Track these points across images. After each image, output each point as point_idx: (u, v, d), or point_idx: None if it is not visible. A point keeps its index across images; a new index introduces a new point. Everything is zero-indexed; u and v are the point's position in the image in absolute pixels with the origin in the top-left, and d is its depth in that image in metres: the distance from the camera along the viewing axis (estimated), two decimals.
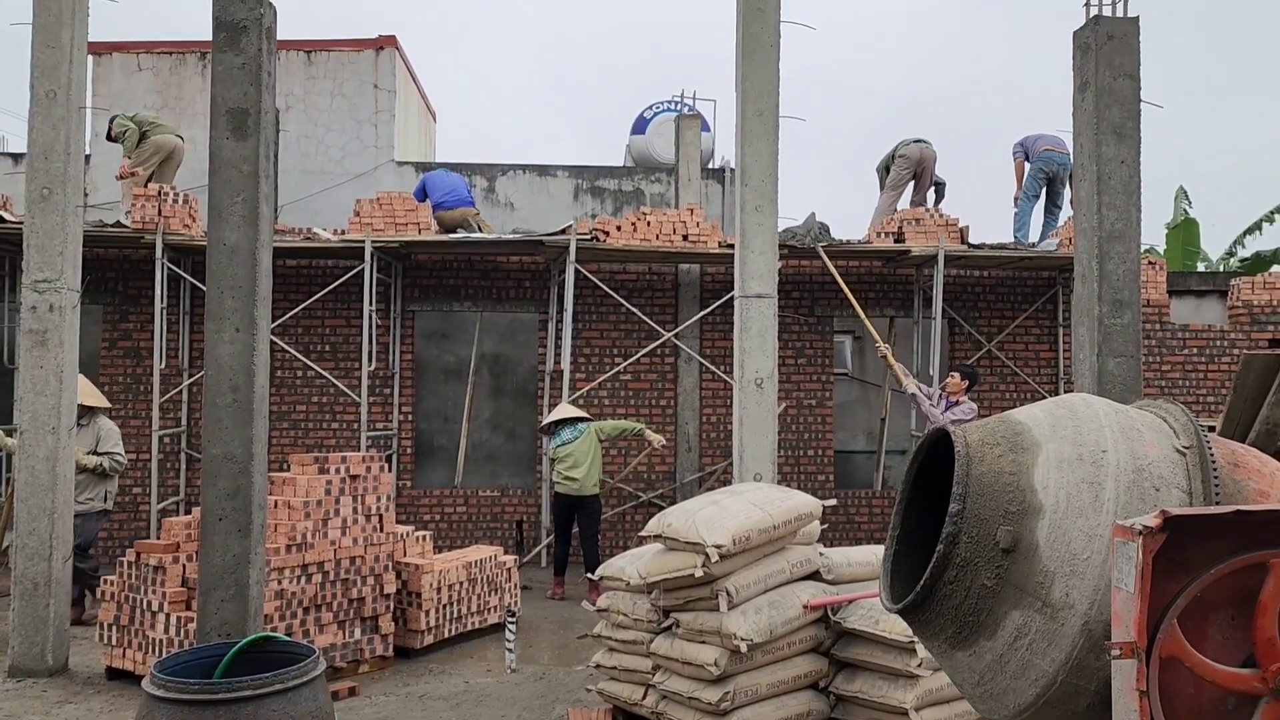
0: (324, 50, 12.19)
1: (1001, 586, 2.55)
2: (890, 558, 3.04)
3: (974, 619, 2.61)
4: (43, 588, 6.22)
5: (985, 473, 2.64)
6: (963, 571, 2.60)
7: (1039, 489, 2.56)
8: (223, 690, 3.16)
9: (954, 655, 2.72)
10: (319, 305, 10.48)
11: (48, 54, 6.37)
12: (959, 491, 2.62)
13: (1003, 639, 2.57)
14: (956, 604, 2.63)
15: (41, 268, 6.31)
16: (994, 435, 2.75)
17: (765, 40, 6.78)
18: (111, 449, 7.52)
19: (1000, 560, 2.54)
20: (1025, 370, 11.20)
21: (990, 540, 2.56)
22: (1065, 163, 10.37)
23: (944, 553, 2.61)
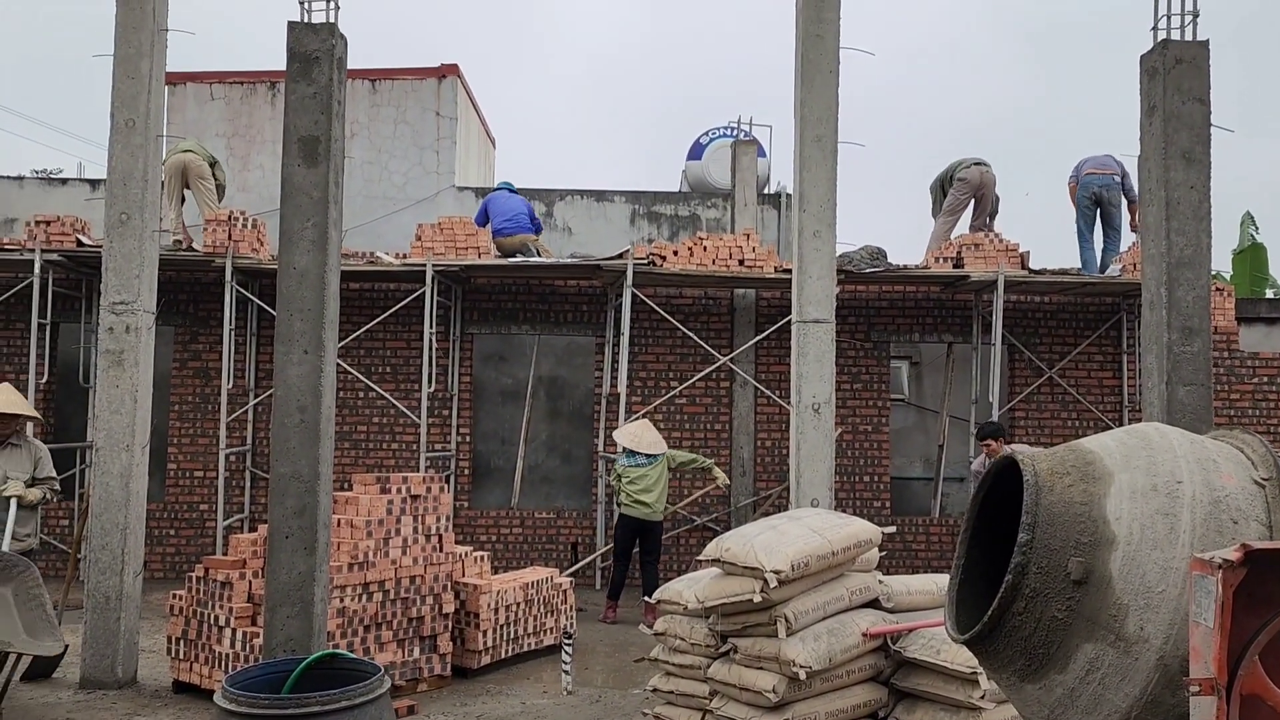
0: (388, 79, 12.47)
1: (1073, 619, 2.51)
2: (955, 587, 3.02)
3: (1044, 651, 2.57)
4: (114, 602, 6.38)
5: (1055, 502, 2.61)
6: (1032, 603, 2.57)
7: (1112, 520, 2.53)
8: (292, 705, 3.22)
9: (1023, 688, 2.69)
10: (381, 328, 10.67)
11: (128, 84, 6.61)
12: (1028, 521, 2.60)
13: (1074, 672, 2.54)
14: (1026, 635, 2.60)
15: (119, 290, 6.52)
16: (1064, 464, 2.72)
17: (824, 66, 6.79)
18: (49, 474, 6.50)
19: (1071, 592, 2.51)
20: (1088, 398, 11.00)
21: (1061, 571, 2.53)
22: (1108, 184, 10.17)
23: (1013, 583, 2.58)
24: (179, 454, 10.85)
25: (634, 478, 8.66)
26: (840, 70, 6.82)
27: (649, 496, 8.66)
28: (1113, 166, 10.27)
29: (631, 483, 8.67)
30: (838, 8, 6.77)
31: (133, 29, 6.57)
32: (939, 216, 10.97)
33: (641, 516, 8.68)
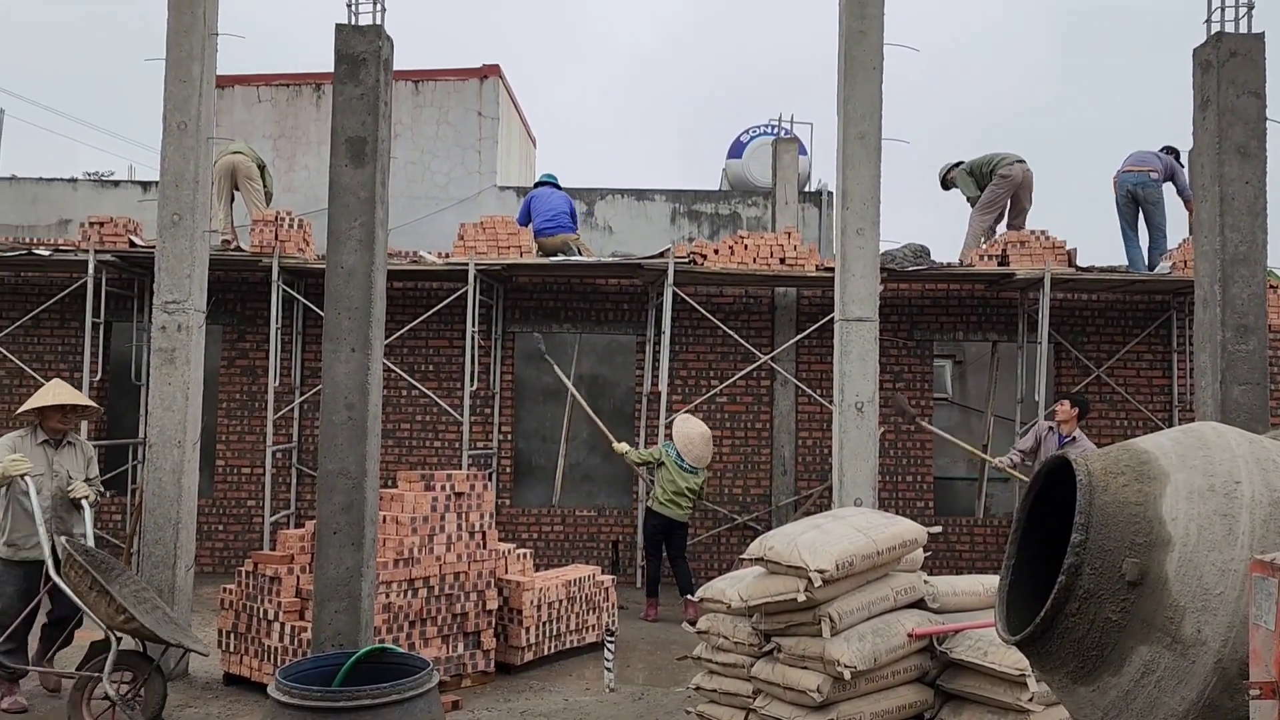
0: (431, 80, 12.58)
1: (1127, 620, 2.48)
2: (1006, 588, 2.98)
3: (1098, 653, 2.54)
4: (166, 595, 6.50)
5: (1109, 502, 2.57)
6: (1085, 604, 2.54)
7: (1168, 520, 2.49)
8: (344, 698, 3.28)
9: (1075, 690, 2.66)
10: (424, 326, 10.77)
11: (179, 88, 6.73)
12: (1081, 521, 2.56)
13: (1129, 675, 2.50)
14: (1079, 637, 2.56)
15: (171, 290, 6.65)
16: (1118, 464, 2.68)
17: (867, 63, 6.75)
18: (96, 474, 6.35)
19: (1126, 593, 2.47)
20: (1137, 397, 10.82)
21: (1115, 572, 2.50)
22: (1143, 181, 9.98)
23: (1066, 584, 2.55)
24: (227, 451, 11.03)
25: (675, 478, 8.67)
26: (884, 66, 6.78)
27: (684, 500, 8.69)
28: (1151, 163, 10.08)
29: (671, 482, 8.67)
30: (881, 4, 6.73)
31: (184, 33, 6.69)
32: (976, 213, 10.78)
33: (674, 517, 8.70)
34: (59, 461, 5.96)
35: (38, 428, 5.99)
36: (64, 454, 6.04)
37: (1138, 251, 10.18)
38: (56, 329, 11.04)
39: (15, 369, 10.84)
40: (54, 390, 6.09)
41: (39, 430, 5.98)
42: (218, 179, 10.13)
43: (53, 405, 5.96)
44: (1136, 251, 10.18)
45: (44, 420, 5.99)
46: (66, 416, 6.06)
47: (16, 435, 5.96)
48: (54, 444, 5.99)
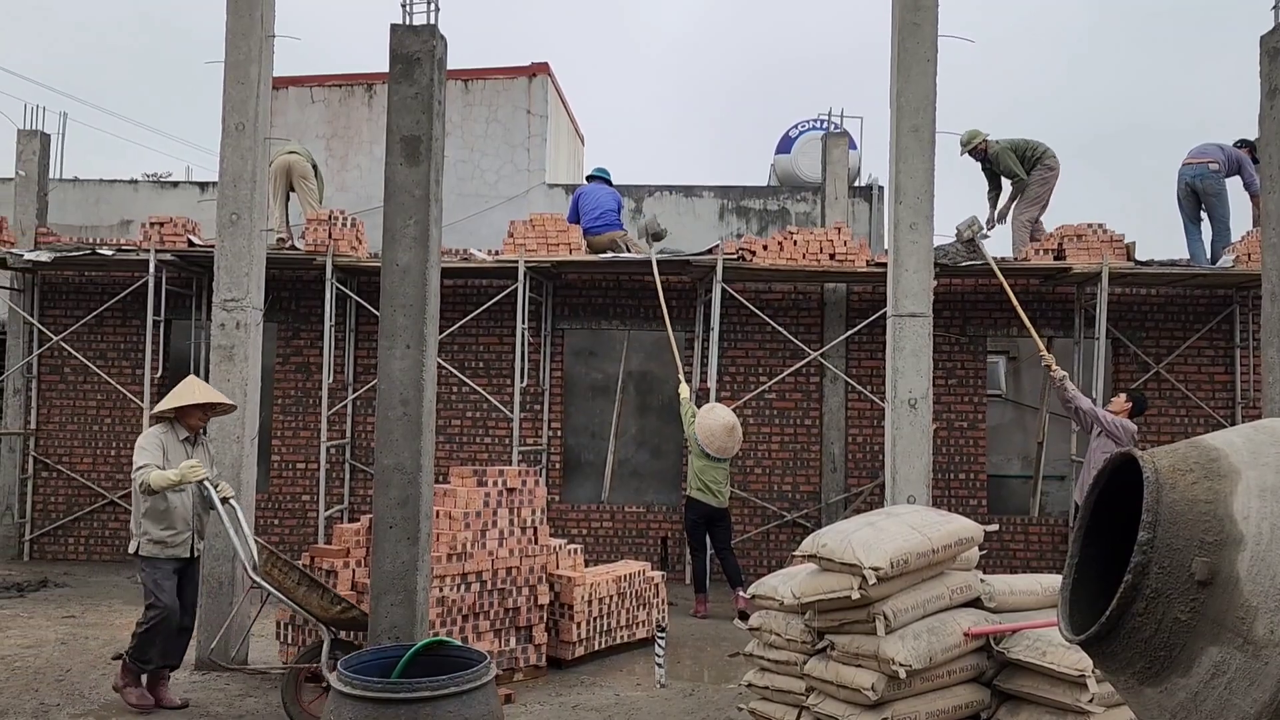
0: (480, 79, 12.68)
1: (1197, 620, 2.43)
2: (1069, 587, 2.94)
3: (1165, 654, 2.49)
4: (226, 587, 6.65)
5: (1178, 500, 2.52)
6: (1153, 603, 2.49)
7: (1239, 519, 2.43)
8: (404, 690, 3.32)
9: (1142, 691, 2.61)
10: (474, 324, 10.86)
11: (238, 89, 6.86)
12: (1149, 519, 2.51)
13: (1198, 676, 2.45)
14: (1146, 637, 2.51)
15: (230, 288, 6.78)
16: (1186, 461, 2.62)
17: (921, 55, 6.68)
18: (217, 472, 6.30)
19: (1196, 593, 2.42)
20: (1198, 394, 10.58)
21: (1184, 571, 2.45)
22: (1201, 173, 9.76)
23: (1132, 583, 2.50)
24: (282, 446, 11.22)
25: (715, 466, 8.65)
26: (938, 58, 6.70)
27: (723, 489, 8.69)
28: (1211, 155, 9.84)
29: (704, 472, 8.67)
30: None
31: (242, 36, 6.81)
32: (1023, 205, 10.50)
33: (713, 504, 8.68)
34: (196, 458, 5.92)
35: (174, 424, 5.96)
36: (198, 451, 6.04)
37: (1199, 245, 9.95)
38: (119, 327, 11.31)
39: (80, 366, 11.13)
40: (195, 388, 6.00)
41: (176, 426, 5.96)
42: (273, 178, 10.29)
43: (193, 404, 5.93)
44: (1198, 245, 9.95)
45: (183, 417, 5.95)
46: (204, 414, 6.05)
47: (160, 430, 5.92)
48: (190, 441, 6.00)
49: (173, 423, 5.98)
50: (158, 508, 5.79)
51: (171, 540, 5.83)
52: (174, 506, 5.82)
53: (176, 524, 5.84)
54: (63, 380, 11.37)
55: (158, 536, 5.79)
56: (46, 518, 11.31)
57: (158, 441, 5.85)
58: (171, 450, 5.85)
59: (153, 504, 5.77)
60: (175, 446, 5.91)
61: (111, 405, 11.26)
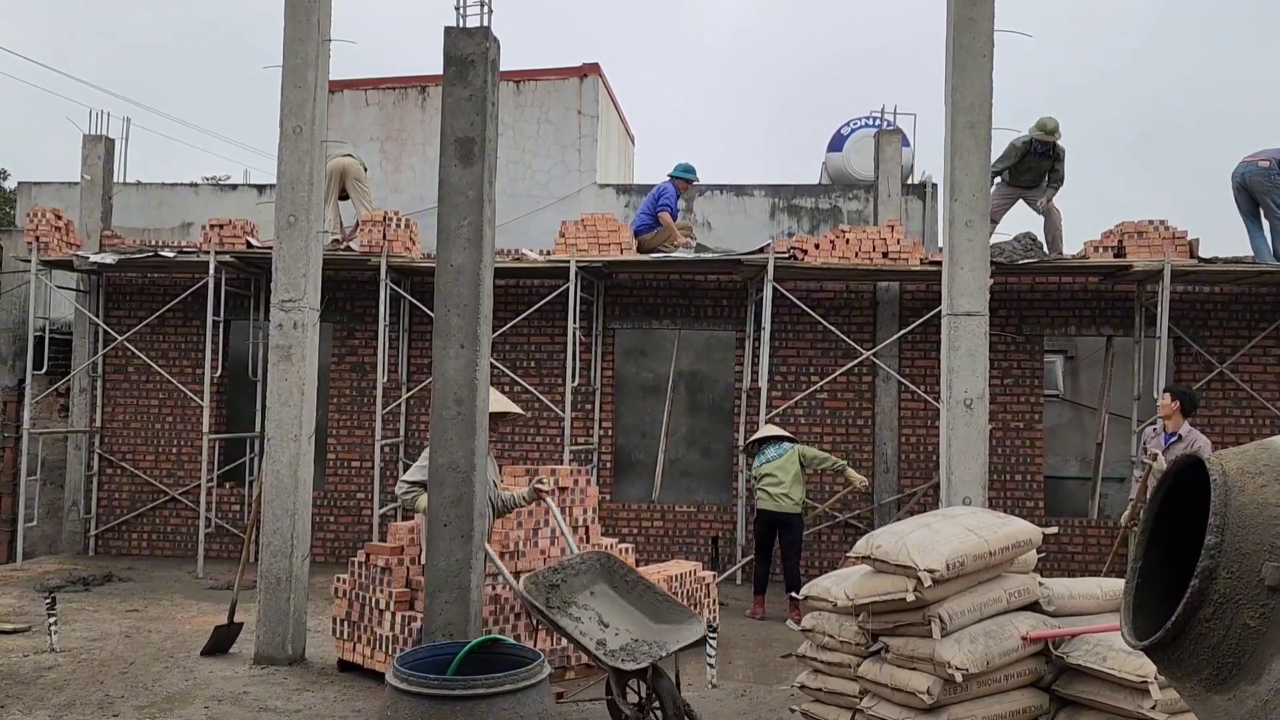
0: (532, 80, 12.75)
1: (1267, 627, 2.36)
2: (1132, 592, 2.88)
3: (1234, 660, 2.43)
4: (284, 583, 6.76)
5: (1247, 504, 2.46)
6: (1221, 609, 2.43)
7: None
8: (459, 687, 3.35)
9: (1209, 699, 2.54)
10: (525, 323, 10.93)
11: (295, 93, 6.97)
12: (1216, 523, 2.45)
13: (1268, 684, 2.38)
14: (1214, 644, 2.45)
15: (287, 289, 6.90)
16: (1256, 463, 2.55)
17: (977, 50, 6.59)
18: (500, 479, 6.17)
19: (1266, 599, 2.36)
20: (1264, 394, 10.30)
21: (1254, 576, 2.38)
22: (1251, 170, 9.52)
23: (1199, 588, 2.44)
24: (337, 445, 11.39)
25: (767, 473, 8.63)
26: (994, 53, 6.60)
27: (779, 489, 8.57)
28: (1266, 153, 9.63)
29: (762, 478, 8.65)
30: None
31: (299, 40, 6.93)
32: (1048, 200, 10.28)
33: (776, 510, 8.60)
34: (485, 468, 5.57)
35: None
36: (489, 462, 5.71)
37: (1262, 241, 9.69)
38: (180, 327, 11.57)
39: (142, 365, 11.40)
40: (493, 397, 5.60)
41: None
42: (327, 181, 10.45)
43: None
44: (1261, 241, 9.69)
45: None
46: (495, 424, 5.70)
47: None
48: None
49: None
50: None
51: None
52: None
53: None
54: (126, 379, 11.66)
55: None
56: (111, 514, 11.61)
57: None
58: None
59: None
60: None
61: (173, 404, 11.53)
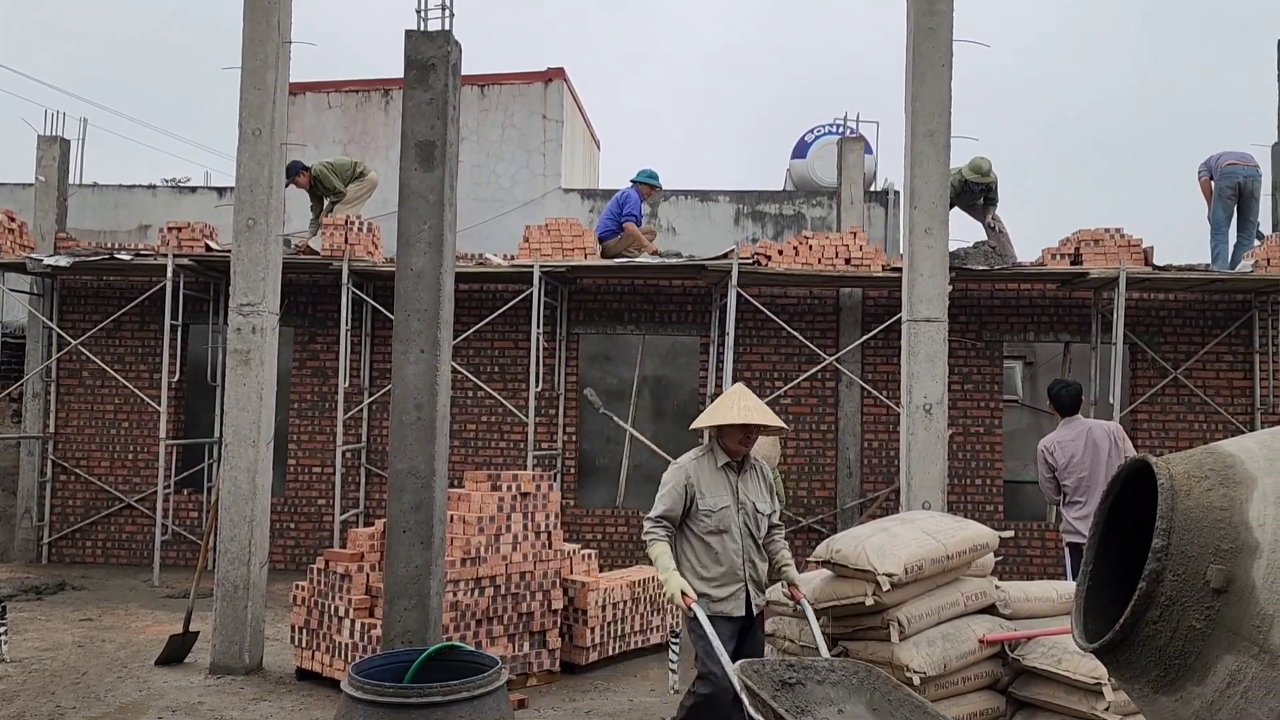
0: (496, 84, 12.73)
1: (1212, 629, 2.40)
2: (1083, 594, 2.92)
3: (1181, 662, 2.47)
4: (242, 591, 6.67)
5: (1193, 507, 2.50)
6: (1168, 611, 2.47)
7: (1254, 526, 2.41)
8: (414, 695, 3.33)
9: (1157, 700, 2.58)
10: (489, 328, 10.89)
11: (254, 95, 6.90)
12: (1163, 526, 2.49)
13: (1213, 685, 2.43)
14: (1161, 646, 2.49)
15: (246, 293, 6.82)
16: (1201, 468, 2.60)
17: (937, 60, 6.67)
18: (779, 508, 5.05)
19: (1211, 601, 2.40)
20: (1217, 400, 10.49)
21: (1199, 579, 2.42)
22: (1253, 174, 9.73)
23: (1147, 591, 2.48)
24: (298, 450, 11.27)
25: None
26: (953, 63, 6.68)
27: None
28: (1254, 160, 9.86)
29: None
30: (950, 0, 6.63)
31: (259, 42, 6.86)
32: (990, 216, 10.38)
33: None
34: (744, 490, 4.61)
35: (713, 447, 4.66)
36: (747, 480, 4.66)
37: (1225, 246, 9.90)
38: (136, 331, 11.40)
39: (97, 370, 11.22)
40: (733, 404, 4.59)
41: (715, 450, 4.64)
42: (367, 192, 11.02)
43: (731, 425, 4.56)
44: (1224, 247, 9.89)
45: (722, 438, 4.62)
46: (749, 437, 4.62)
47: (692, 458, 4.64)
48: (735, 467, 4.63)
49: (713, 445, 4.68)
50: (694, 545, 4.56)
51: (716, 593, 4.50)
52: (717, 548, 4.52)
53: (723, 571, 4.52)
54: (81, 384, 11.47)
55: (700, 588, 4.47)
56: (65, 521, 11.40)
57: (684, 477, 4.56)
58: (706, 482, 4.55)
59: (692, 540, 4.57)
60: (711, 477, 4.58)
61: (129, 409, 11.35)
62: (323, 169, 10.80)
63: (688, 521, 4.56)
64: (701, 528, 4.53)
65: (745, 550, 4.56)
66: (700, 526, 4.53)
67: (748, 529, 4.57)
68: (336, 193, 10.77)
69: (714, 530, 4.52)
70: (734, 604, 4.52)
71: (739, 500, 4.58)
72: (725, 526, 4.51)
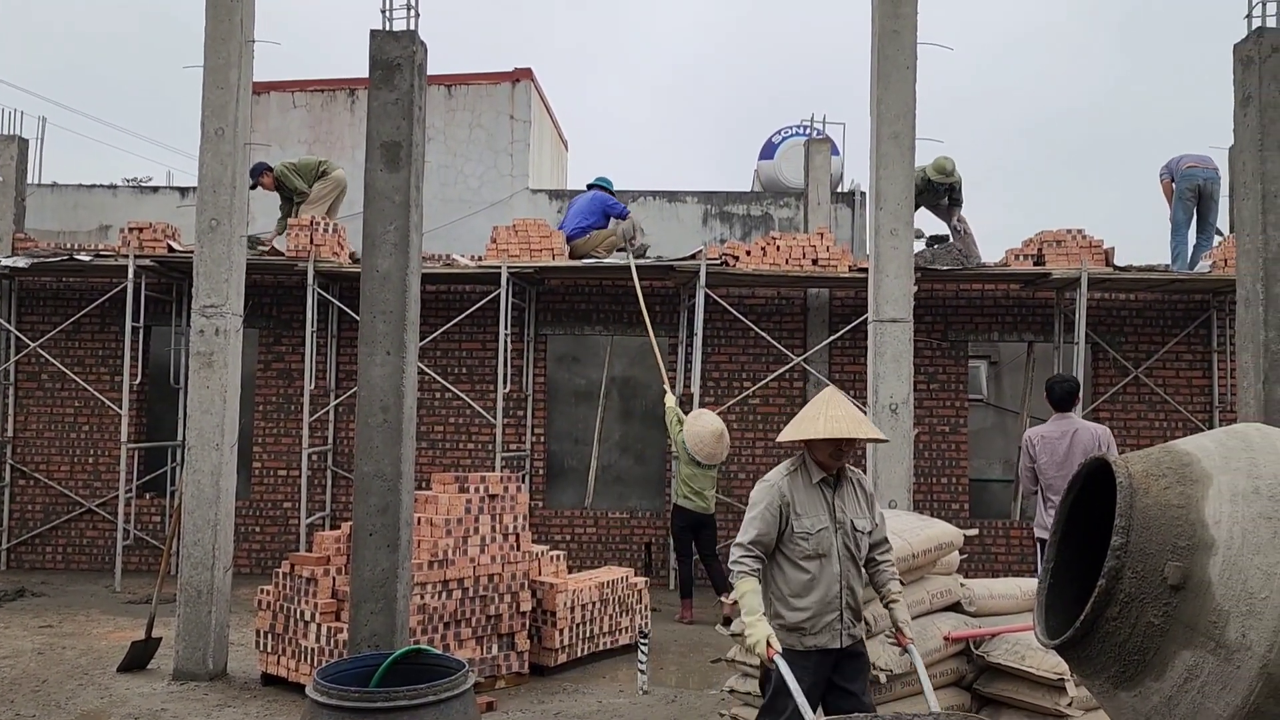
0: (463, 84, 12.67)
1: (1170, 625, 2.44)
2: (1045, 591, 2.95)
3: (1139, 658, 2.51)
4: (205, 596, 6.60)
5: (1151, 505, 2.54)
6: (1127, 608, 2.50)
7: (1210, 523, 2.45)
8: (380, 699, 3.31)
9: (1117, 695, 2.62)
10: (457, 329, 10.84)
11: (217, 94, 6.82)
12: (1122, 524, 2.53)
13: (1171, 680, 2.47)
14: (1120, 642, 2.53)
15: (209, 294, 6.74)
16: (1159, 466, 2.64)
17: (901, 62, 6.72)
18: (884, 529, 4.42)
19: (1169, 597, 2.44)
20: (1176, 398, 10.66)
21: (1157, 576, 2.46)
22: (1212, 177, 9.91)
23: (1106, 588, 2.52)
24: (263, 453, 11.16)
25: (700, 474, 8.62)
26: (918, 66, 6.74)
27: (707, 492, 8.66)
28: (1213, 163, 10.03)
29: (692, 476, 8.64)
30: (914, 3, 6.70)
31: (221, 40, 6.78)
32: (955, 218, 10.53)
33: (698, 510, 8.65)
34: (841, 507, 4.15)
35: (806, 459, 4.20)
36: (845, 494, 4.19)
37: (1185, 247, 10.07)
38: (97, 333, 11.22)
39: (57, 373, 11.04)
40: (825, 415, 4.14)
41: (810, 464, 4.18)
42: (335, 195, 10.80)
43: (820, 439, 4.10)
44: (1184, 247, 10.07)
45: (812, 452, 4.18)
46: (840, 450, 4.15)
47: (783, 473, 4.19)
48: (831, 483, 4.18)
49: (804, 458, 4.22)
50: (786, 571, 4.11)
51: (810, 625, 4.04)
52: (815, 574, 4.06)
53: (819, 600, 4.05)
54: (40, 387, 11.27)
55: (791, 620, 4.05)
56: (24, 526, 11.21)
57: (778, 496, 4.10)
58: (801, 501, 4.11)
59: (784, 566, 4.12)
60: (806, 495, 4.13)
61: (90, 412, 11.17)
62: (284, 169, 10.69)
63: (780, 545, 4.09)
64: (797, 552, 4.05)
65: (844, 575, 4.08)
66: (796, 551, 4.06)
67: (848, 550, 4.10)
68: (300, 193, 10.67)
69: (811, 555, 4.05)
70: (829, 635, 4.05)
71: (837, 519, 4.11)
72: (824, 550, 4.05)
